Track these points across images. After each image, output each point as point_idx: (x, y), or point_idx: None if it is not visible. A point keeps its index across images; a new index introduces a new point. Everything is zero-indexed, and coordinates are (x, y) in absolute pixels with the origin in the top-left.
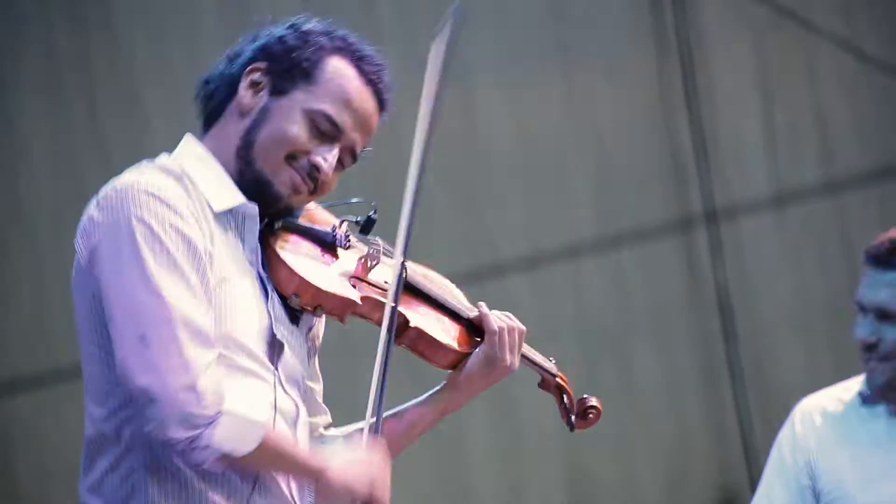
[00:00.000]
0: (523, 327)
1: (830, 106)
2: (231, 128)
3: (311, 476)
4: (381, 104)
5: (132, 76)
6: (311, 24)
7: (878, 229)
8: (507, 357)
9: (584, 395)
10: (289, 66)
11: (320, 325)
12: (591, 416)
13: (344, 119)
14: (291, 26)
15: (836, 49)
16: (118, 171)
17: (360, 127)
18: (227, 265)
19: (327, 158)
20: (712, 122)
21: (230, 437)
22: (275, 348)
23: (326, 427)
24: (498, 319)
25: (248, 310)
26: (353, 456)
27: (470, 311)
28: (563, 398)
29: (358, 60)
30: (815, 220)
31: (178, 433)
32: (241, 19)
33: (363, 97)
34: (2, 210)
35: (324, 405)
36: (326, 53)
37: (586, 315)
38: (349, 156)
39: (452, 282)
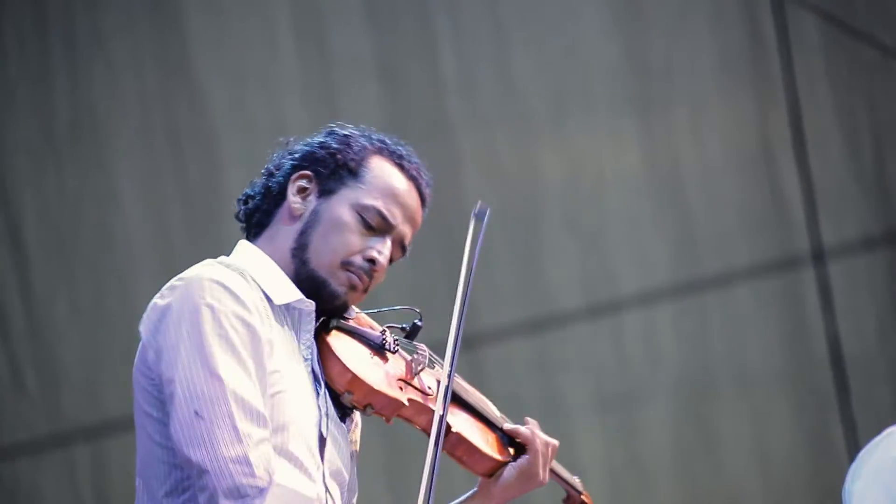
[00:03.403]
0: (556, 442)
1: None
2: (283, 232)
3: None
4: (423, 199)
5: (211, 119)
6: (349, 129)
7: None
8: (542, 472)
9: None
10: (335, 168)
11: (357, 431)
12: None
13: (394, 212)
14: (330, 133)
15: None
16: (199, 214)
17: (409, 220)
18: (282, 357)
19: (382, 251)
20: (819, 164)
21: None
22: (321, 444)
23: None
24: (539, 436)
25: (302, 402)
26: None
27: (504, 421)
28: None
29: (398, 159)
30: None
31: (228, 502)
32: (318, 63)
33: (408, 192)
34: (96, 253)
35: None
36: (369, 153)
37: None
38: (399, 249)
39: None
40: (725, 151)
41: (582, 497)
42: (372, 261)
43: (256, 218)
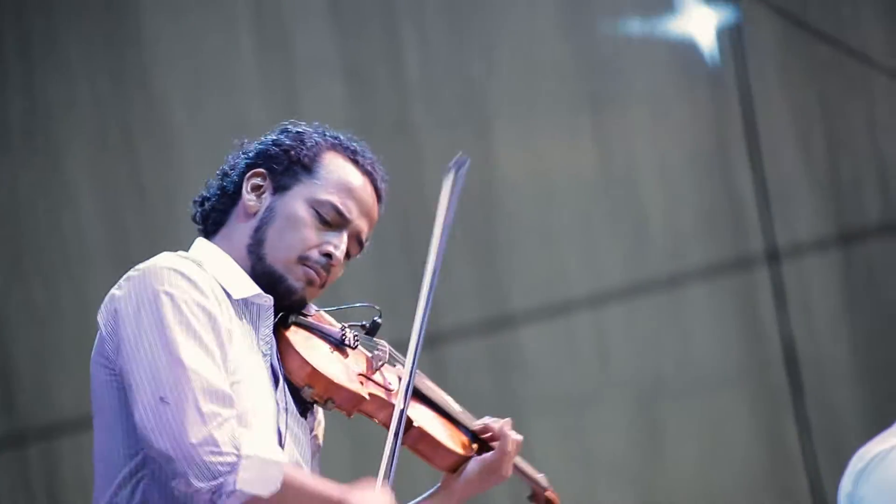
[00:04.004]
0: (520, 437)
1: (890, 146)
2: (239, 229)
3: None
4: (378, 194)
5: (169, 124)
6: (302, 126)
7: None
8: (507, 467)
9: None
10: (288, 164)
11: (321, 428)
12: None
13: (349, 207)
14: (283, 131)
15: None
16: (155, 215)
17: (365, 215)
18: (241, 350)
19: (338, 245)
20: (772, 164)
21: (254, 480)
22: (279, 437)
23: None
24: (509, 432)
25: (259, 394)
26: (373, 490)
27: (470, 421)
28: None
29: (352, 154)
30: (875, 262)
31: (202, 483)
32: (281, 65)
33: (363, 186)
34: (50, 254)
35: None
36: (323, 149)
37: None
38: (356, 244)
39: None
40: (679, 151)
41: (547, 494)
42: (328, 255)
43: (213, 218)
